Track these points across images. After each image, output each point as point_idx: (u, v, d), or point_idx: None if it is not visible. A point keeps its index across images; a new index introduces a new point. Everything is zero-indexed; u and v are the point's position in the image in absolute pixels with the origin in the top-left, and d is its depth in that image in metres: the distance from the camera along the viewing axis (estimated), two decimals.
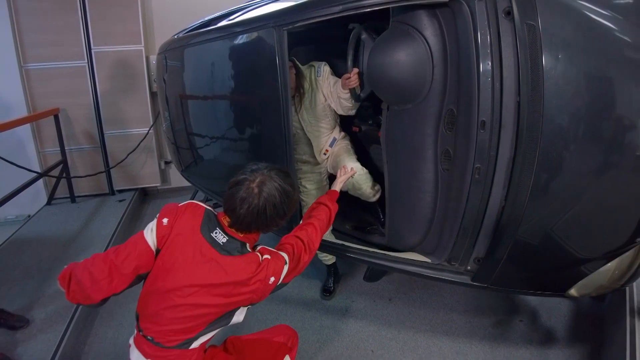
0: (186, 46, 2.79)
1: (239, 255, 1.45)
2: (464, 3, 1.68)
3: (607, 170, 1.68)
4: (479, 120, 1.73)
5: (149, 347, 1.49)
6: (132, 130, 4.69)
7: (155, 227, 1.50)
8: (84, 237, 3.71)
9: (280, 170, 1.55)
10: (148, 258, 1.47)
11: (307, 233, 1.69)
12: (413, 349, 2.41)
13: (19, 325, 2.50)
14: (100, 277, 1.42)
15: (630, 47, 1.53)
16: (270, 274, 1.47)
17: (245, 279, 1.43)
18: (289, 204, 1.51)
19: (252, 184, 1.45)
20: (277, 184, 1.47)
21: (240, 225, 1.47)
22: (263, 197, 1.44)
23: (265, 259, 1.48)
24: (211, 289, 1.42)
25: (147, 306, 1.50)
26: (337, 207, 1.94)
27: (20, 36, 4.22)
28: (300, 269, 1.64)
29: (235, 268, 1.43)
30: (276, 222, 1.51)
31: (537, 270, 1.95)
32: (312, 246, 1.68)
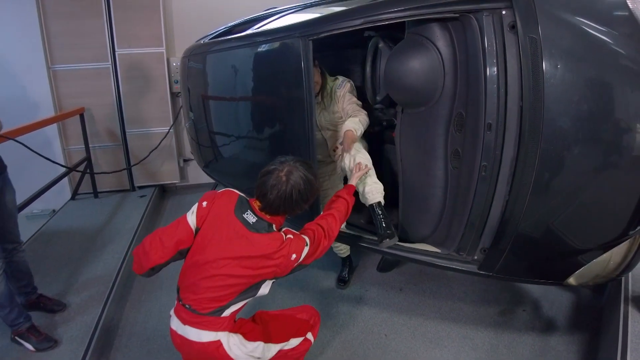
0: (214, 51, 2.97)
1: (266, 233, 1.68)
2: (473, 17, 1.85)
3: (602, 169, 1.83)
4: (485, 123, 1.90)
5: (186, 314, 1.70)
6: (152, 129, 4.90)
7: (196, 209, 1.76)
8: (109, 230, 3.93)
9: (305, 162, 1.79)
10: (188, 235, 1.73)
11: (327, 222, 1.89)
12: (423, 334, 2.59)
13: (57, 309, 2.71)
14: (150, 249, 1.70)
15: (621, 56, 1.68)
16: (293, 251, 1.67)
17: (270, 252, 1.64)
18: (311, 190, 1.75)
19: (281, 173, 1.68)
20: (302, 174, 1.70)
21: (270, 209, 1.70)
22: (290, 184, 1.67)
23: (289, 238, 1.70)
24: (241, 261, 1.64)
25: (187, 278, 1.73)
26: (354, 200, 2.11)
27: (48, 39, 4.44)
28: (320, 253, 1.83)
29: (262, 243, 1.65)
30: (300, 206, 1.74)
31: (538, 259, 2.10)
32: (331, 233, 1.87)
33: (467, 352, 2.43)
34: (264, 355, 1.80)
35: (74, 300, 2.80)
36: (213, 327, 1.69)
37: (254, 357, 1.76)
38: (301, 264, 1.75)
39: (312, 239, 1.79)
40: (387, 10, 1.99)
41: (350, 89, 2.61)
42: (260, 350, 1.78)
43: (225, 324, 1.71)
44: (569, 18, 1.70)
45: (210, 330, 1.69)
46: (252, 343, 1.77)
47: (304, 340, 1.95)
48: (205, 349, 1.70)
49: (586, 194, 1.87)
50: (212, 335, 1.69)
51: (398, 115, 2.38)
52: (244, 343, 1.75)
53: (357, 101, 2.59)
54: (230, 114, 2.96)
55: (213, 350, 1.69)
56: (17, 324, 2.35)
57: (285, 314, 2.00)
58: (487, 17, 1.82)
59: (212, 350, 1.69)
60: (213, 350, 1.70)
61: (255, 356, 1.77)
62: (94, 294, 2.86)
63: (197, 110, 3.35)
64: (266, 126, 2.67)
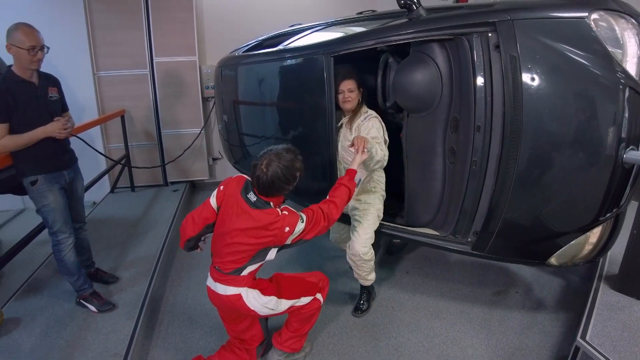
0: (248, 63, 3.41)
1: (263, 209, 2.05)
2: (465, 39, 2.25)
3: (574, 164, 2.15)
4: (475, 125, 2.29)
5: (216, 273, 2.16)
6: (185, 130, 5.39)
7: (216, 192, 2.22)
8: (148, 219, 4.40)
9: (285, 150, 2.07)
10: (211, 213, 2.19)
11: (328, 207, 2.17)
12: (425, 308, 2.96)
13: (111, 281, 3.16)
14: (185, 226, 2.23)
15: (586, 69, 2.03)
16: (286, 225, 2.02)
17: (266, 224, 2.01)
18: (290, 175, 2.04)
19: (262, 165, 2.01)
20: (279, 163, 2.01)
21: (262, 192, 2.06)
22: (269, 174, 1.99)
23: (283, 214, 2.04)
24: (247, 232, 2.05)
25: (214, 246, 2.19)
26: (355, 184, 2.35)
27: (94, 48, 4.97)
28: (319, 231, 2.14)
29: (259, 217, 2.03)
30: (284, 187, 2.06)
31: (522, 241, 2.44)
32: (330, 217, 2.16)
33: (463, 324, 2.79)
34: (277, 307, 2.20)
35: (124, 275, 3.25)
36: (235, 284, 2.12)
37: (268, 307, 2.17)
38: (301, 239, 2.10)
39: (309, 218, 2.09)
40: (396, 33, 2.41)
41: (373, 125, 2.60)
42: (273, 303, 2.18)
43: (244, 281, 2.13)
44: (542, 39, 2.07)
45: (233, 286, 2.12)
46: (266, 297, 2.17)
47: (313, 300, 2.30)
48: (229, 300, 2.14)
49: (561, 185, 2.20)
50: (235, 290, 2.13)
51: (404, 119, 2.76)
52: (260, 296, 2.16)
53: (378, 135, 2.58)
54: (260, 117, 3.38)
55: (235, 301, 2.13)
56: (83, 289, 2.81)
57: (297, 276, 2.40)
58: (476, 38, 2.22)
59: (234, 301, 2.13)
60: (235, 301, 2.13)
61: (270, 307, 2.18)
62: (140, 271, 3.30)
63: (230, 114, 3.79)
64: (292, 128, 3.08)
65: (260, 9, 5.41)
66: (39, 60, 2.42)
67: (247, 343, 2.35)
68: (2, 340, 2.52)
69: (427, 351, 2.56)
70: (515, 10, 2.13)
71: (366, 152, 2.35)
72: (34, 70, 2.46)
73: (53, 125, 2.49)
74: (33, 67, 2.42)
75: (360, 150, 2.32)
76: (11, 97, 2.37)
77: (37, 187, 2.54)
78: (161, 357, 2.55)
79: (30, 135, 2.43)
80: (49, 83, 2.59)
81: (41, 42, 2.40)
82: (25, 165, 2.53)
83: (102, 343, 2.49)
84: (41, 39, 2.41)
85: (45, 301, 2.92)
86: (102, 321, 2.69)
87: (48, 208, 2.59)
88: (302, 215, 2.08)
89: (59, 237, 2.66)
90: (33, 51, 2.35)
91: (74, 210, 2.83)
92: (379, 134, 2.58)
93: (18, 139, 2.42)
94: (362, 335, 2.70)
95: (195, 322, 2.86)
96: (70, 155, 2.79)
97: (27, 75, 2.44)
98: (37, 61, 2.41)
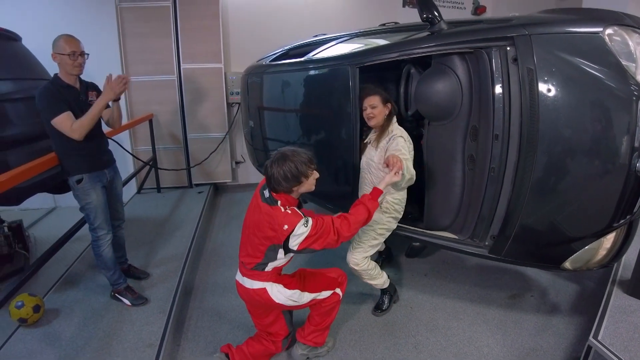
0: (275, 72, 3.57)
1: (271, 205, 2.11)
2: (484, 52, 2.37)
3: (588, 171, 2.22)
4: (494, 134, 2.40)
5: (243, 268, 2.32)
6: (210, 135, 5.58)
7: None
8: (175, 219, 4.59)
9: (288, 151, 2.12)
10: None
11: (340, 222, 2.15)
12: (442, 309, 3.07)
13: (143, 277, 3.34)
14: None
15: (599, 83, 2.12)
16: (285, 222, 2.05)
17: (269, 219, 2.09)
18: (296, 171, 2.06)
19: (271, 163, 2.09)
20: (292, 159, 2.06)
21: (272, 189, 2.13)
22: (274, 170, 2.06)
23: (285, 212, 2.08)
24: (257, 225, 2.17)
25: (241, 241, 2.33)
26: (377, 205, 2.30)
27: (125, 54, 5.20)
28: (326, 244, 2.12)
29: (266, 210, 2.11)
30: (292, 184, 2.09)
31: (538, 245, 2.52)
32: (340, 232, 2.13)
33: (480, 324, 2.90)
34: (300, 299, 2.34)
35: (155, 271, 3.43)
36: (260, 278, 2.27)
37: (292, 300, 2.31)
38: (307, 247, 2.09)
39: (316, 225, 2.08)
40: (420, 46, 2.55)
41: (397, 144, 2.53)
42: (296, 296, 2.32)
43: (269, 276, 2.27)
44: (558, 53, 2.17)
45: (258, 281, 2.27)
46: (290, 290, 2.31)
47: (333, 294, 2.44)
48: (255, 294, 2.28)
49: (576, 192, 2.28)
50: (260, 284, 2.27)
51: (426, 127, 2.88)
52: (284, 289, 2.30)
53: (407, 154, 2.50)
54: (287, 123, 3.54)
55: (261, 294, 2.27)
56: (118, 283, 2.99)
57: (318, 271, 2.52)
58: (495, 52, 2.34)
59: (260, 294, 2.27)
60: (261, 295, 2.27)
61: (293, 299, 2.32)
62: (170, 268, 3.48)
63: (256, 120, 3.95)
64: (317, 134, 3.23)
65: (284, 18, 5.61)
66: (80, 65, 2.62)
67: (273, 336, 2.49)
68: (44, 329, 2.71)
69: (444, 349, 2.67)
70: (532, 26, 2.24)
71: (400, 174, 2.30)
72: (76, 75, 2.66)
73: (106, 90, 2.62)
74: (75, 72, 2.62)
75: (394, 172, 2.28)
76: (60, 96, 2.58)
77: (82, 186, 2.73)
78: (192, 349, 2.71)
79: (95, 107, 2.59)
80: (88, 88, 2.79)
81: (81, 48, 2.61)
82: (72, 165, 2.72)
83: (136, 334, 2.65)
84: (81, 46, 2.62)
85: (82, 294, 3.12)
86: (136, 314, 2.86)
87: (90, 205, 2.78)
88: (307, 219, 2.10)
89: (98, 234, 2.85)
90: (74, 56, 2.56)
91: (113, 208, 3.02)
92: (407, 153, 2.52)
93: (87, 115, 2.58)
94: (382, 332, 2.83)
95: (223, 317, 3.02)
96: (110, 156, 2.98)
97: (70, 81, 2.65)
98: (79, 66, 2.62)
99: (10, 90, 3.27)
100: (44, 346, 2.57)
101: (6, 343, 2.59)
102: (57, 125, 2.54)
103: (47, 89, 2.56)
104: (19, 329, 2.71)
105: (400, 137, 2.56)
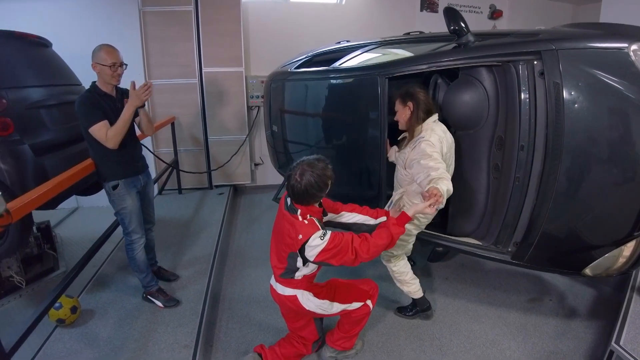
0: (300, 80, 3.67)
1: (291, 214, 2.17)
2: (512, 65, 2.44)
3: (611, 182, 2.29)
4: (519, 144, 2.48)
5: (275, 274, 2.40)
6: (230, 137, 5.69)
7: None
8: (198, 220, 4.70)
9: (315, 160, 2.14)
10: None
11: (360, 242, 2.12)
12: (464, 312, 3.16)
13: (172, 279, 3.44)
14: None
15: (622, 98, 2.18)
16: (300, 232, 2.09)
17: (289, 227, 2.15)
18: (323, 181, 2.10)
19: (296, 175, 2.09)
20: (312, 172, 2.08)
21: (295, 199, 2.16)
22: (303, 183, 2.07)
23: (302, 221, 2.11)
24: (281, 232, 2.23)
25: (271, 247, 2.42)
26: (403, 231, 2.22)
27: (148, 58, 5.31)
28: (344, 260, 2.11)
29: (287, 219, 2.18)
30: (317, 194, 2.12)
31: (559, 252, 2.60)
32: (359, 252, 2.10)
33: (500, 328, 2.98)
34: (329, 309, 2.42)
35: (183, 273, 3.54)
36: (291, 285, 2.35)
37: (321, 309, 2.40)
38: (324, 261, 2.11)
39: (333, 240, 2.07)
40: (450, 59, 2.63)
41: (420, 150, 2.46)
42: (326, 305, 2.41)
43: (300, 284, 2.33)
44: (584, 68, 2.24)
45: (290, 287, 2.36)
46: (320, 300, 2.39)
47: (363, 305, 2.49)
48: (287, 300, 2.37)
49: (598, 201, 2.35)
50: (291, 291, 2.35)
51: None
52: (314, 298, 2.37)
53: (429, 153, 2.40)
54: (314, 130, 3.62)
55: (292, 301, 2.36)
56: (150, 285, 3.10)
57: (351, 283, 2.59)
58: (522, 65, 2.41)
59: (292, 301, 2.37)
60: (292, 301, 2.37)
61: (323, 308, 2.40)
62: (198, 270, 3.59)
63: (278, 124, 4.05)
64: (344, 141, 3.30)
65: (304, 22, 5.71)
66: (118, 76, 2.72)
67: (304, 339, 2.60)
68: (81, 330, 2.83)
69: (468, 351, 2.76)
70: (559, 41, 2.31)
71: (435, 210, 2.14)
72: (114, 85, 2.76)
73: (132, 97, 2.66)
74: (113, 82, 2.72)
75: (430, 204, 2.09)
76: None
77: (117, 191, 2.83)
78: (224, 349, 2.82)
79: (123, 115, 2.65)
80: (124, 95, 2.89)
81: (120, 59, 2.70)
82: (108, 171, 2.82)
83: (171, 335, 2.76)
84: (121, 57, 2.70)
85: (114, 295, 3.23)
86: (168, 316, 2.97)
87: (125, 210, 2.88)
88: (325, 232, 2.10)
89: (132, 237, 2.95)
90: (114, 67, 2.66)
91: (145, 212, 3.12)
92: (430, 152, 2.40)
93: (118, 123, 2.64)
94: (408, 335, 2.92)
95: (252, 319, 3.12)
96: (143, 162, 3.08)
97: (108, 89, 2.74)
98: (117, 76, 2.71)
99: (44, 97, 3.38)
100: (83, 346, 2.68)
101: (46, 342, 2.71)
102: (94, 133, 2.64)
103: (86, 97, 2.66)
104: (56, 329, 2.82)
105: (427, 140, 2.45)
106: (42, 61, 3.63)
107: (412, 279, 2.95)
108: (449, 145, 2.62)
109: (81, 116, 2.65)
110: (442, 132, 2.57)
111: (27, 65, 3.37)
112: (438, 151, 2.43)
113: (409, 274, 2.93)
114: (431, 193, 2.09)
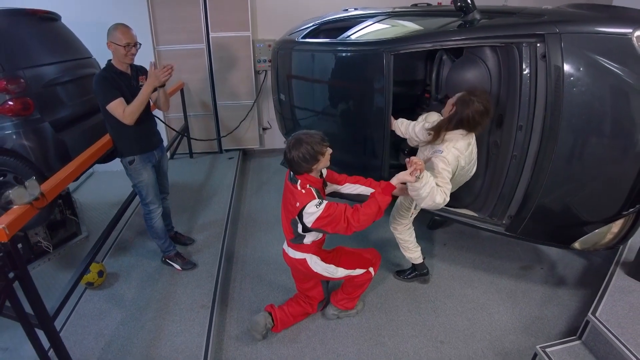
0: (307, 50, 3.70)
1: (292, 184, 2.37)
2: (515, 47, 2.49)
3: (603, 163, 2.39)
4: (518, 124, 2.57)
5: (287, 240, 2.60)
6: (238, 102, 5.76)
7: None
8: (211, 185, 4.89)
9: (302, 135, 2.29)
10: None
11: (352, 212, 2.29)
12: (459, 277, 3.37)
13: (189, 242, 3.67)
14: None
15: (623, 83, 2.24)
16: (298, 200, 2.30)
17: (291, 196, 2.36)
18: (309, 155, 2.25)
19: (289, 146, 2.28)
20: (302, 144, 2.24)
21: (290, 168, 2.38)
22: (293, 154, 2.25)
23: (300, 190, 2.31)
24: (285, 202, 2.47)
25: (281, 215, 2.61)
26: (389, 200, 2.37)
27: (154, 24, 5.31)
28: (338, 229, 2.27)
29: (289, 188, 2.39)
30: (305, 165, 2.28)
31: (551, 226, 2.75)
32: (351, 221, 2.27)
33: (492, 293, 3.19)
34: (334, 273, 2.62)
35: (198, 237, 3.77)
36: (300, 250, 2.56)
37: (327, 272, 2.61)
38: (320, 227, 2.29)
39: (328, 209, 2.25)
40: (454, 38, 2.67)
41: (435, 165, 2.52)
42: (332, 269, 2.61)
43: (309, 249, 2.55)
44: (586, 52, 2.28)
45: (300, 252, 2.57)
46: (326, 264, 2.61)
47: (366, 272, 2.72)
48: (297, 262, 2.60)
49: (590, 180, 2.46)
50: (301, 255, 2.57)
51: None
52: (321, 262, 2.59)
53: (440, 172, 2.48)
54: (319, 100, 3.68)
55: (302, 263, 2.59)
56: (169, 250, 3.33)
57: (355, 251, 2.79)
58: (525, 47, 2.45)
59: (301, 263, 2.59)
60: (302, 264, 2.59)
61: (329, 272, 2.61)
62: (212, 233, 3.81)
63: (285, 92, 4.09)
64: (351, 112, 3.34)
65: None
66: (132, 55, 2.81)
67: (310, 299, 2.85)
68: (108, 291, 3.11)
69: (459, 314, 2.99)
70: (563, 24, 2.34)
71: (415, 177, 2.30)
72: (128, 63, 2.86)
73: (152, 77, 2.79)
74: (127, 61, 2.82)
75: (411, 172, 2.29)
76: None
77: (134, 166, 3.00)
78: (238, 308, 3.06)
79: (141, 94, 2.78)
80: (139, 73, 2.99)
81: (135, 39, 2.78)
82: (125, 147, 2.97)
83: (190, 296, 3.01)
84: (135, 37, 2.79)
85: (135, 259, 3.48)
86: (186, 278, 3.22)
87: (142, 184, 3.07)
88: (320, 201, 2.27)
89: (150, 208, 3.15)
90: (128, 47, 2.75)
91: (161, 183, 3.31)
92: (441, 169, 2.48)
93: (136, 102, 2.77)
94: (405, 297, 3.15)
95: (263, 279, 3.37)
96: (158, 137, 3.22)
97: (123, 68, 2.84)
98: (132, 55, 2.81)
99: (58, 73, 3.41)
100: (111, 306, 2.95)
101: (77, 304, 2.97)
102: (111, 110, 2.76)
103: (102, 76, 2.76)
104: (86, 291, 3.09)
105: (443, 158, 2.49)
106: (53, 37, 3.62)
107: (415, 247, 3.17)
108: (469, 159, 2.65)
109: (99, 94, 2.76)
110: (463, 147, 2.56)
111: (40, 43, 3.38)
112: (450, 170, 2.49)
113: (413, 242, 3.15)
114: (412, 161, 2.28)
